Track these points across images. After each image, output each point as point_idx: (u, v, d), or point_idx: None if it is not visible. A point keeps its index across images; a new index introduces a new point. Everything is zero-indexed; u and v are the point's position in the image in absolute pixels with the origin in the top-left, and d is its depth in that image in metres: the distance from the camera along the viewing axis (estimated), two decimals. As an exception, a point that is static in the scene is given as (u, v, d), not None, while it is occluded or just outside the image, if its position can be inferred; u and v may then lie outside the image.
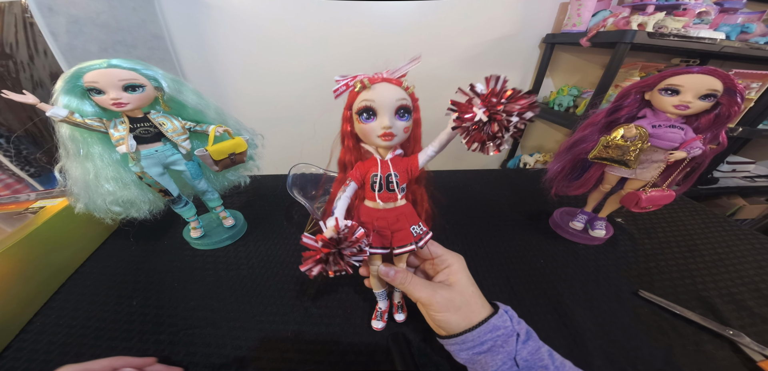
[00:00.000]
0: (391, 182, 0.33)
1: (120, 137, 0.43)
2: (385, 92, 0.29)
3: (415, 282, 0.34)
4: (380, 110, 0.30)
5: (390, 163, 0.33)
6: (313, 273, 0.29)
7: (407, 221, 0.34)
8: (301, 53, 1.27)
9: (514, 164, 1.71)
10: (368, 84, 0.29)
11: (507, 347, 0.30)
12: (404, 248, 0.34)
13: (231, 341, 0.43)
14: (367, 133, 0.31)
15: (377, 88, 0.29)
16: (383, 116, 0.30)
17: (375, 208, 0.34)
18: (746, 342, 0.41)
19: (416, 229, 0.35)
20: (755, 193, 1.56)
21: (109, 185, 0.46)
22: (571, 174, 0.58)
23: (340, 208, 0.32)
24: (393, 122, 0.30)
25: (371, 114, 0.30)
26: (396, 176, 0.33)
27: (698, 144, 0.44)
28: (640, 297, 0.49)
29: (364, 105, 0.30)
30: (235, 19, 1.17)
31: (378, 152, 0.33)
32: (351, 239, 0.29)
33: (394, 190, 0.33)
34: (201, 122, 0.50)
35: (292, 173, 0.61)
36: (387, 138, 0.30)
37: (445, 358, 0.40)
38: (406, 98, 0.30)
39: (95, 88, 0.39)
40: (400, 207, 0.34)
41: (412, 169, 0.34)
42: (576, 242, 0.61)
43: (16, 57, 0.86)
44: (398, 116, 0.31)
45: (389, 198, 0.33)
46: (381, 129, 0.30)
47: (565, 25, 1.28)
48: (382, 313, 0.44)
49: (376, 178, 0.33)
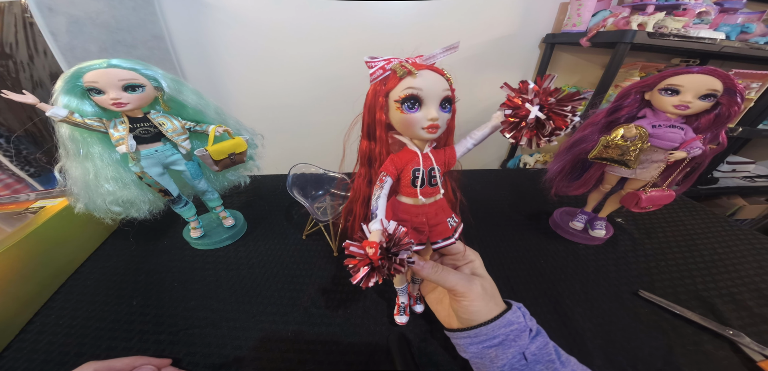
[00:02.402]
0: (434, 176, 0.31)
1: (120, 137, 0.43)
2: (433, 81, 0.27)
3: (448, 271, 0.33)
4: (427, 100, 0.27)
5: (431, 155, 0.31)
6: (368, 284, 0.26)
7: (445, 214, 0.33)
8: (301, 53, 1.27)
9: (514, 164, 1.71)
10: (414, 71, 0.27)
11: (519, 341, 0.30)
12: (445, 241, 0.33)
13: (231, 341, 0.43)
14: (410, 124, 0.29)
15: (424, 76, 0.27)
16: (430, 106, 0.28)
17: (414, 204, 0.32)
18: (746, 342, 0.41)
19: (451, 221, 0.34)
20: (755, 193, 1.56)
21: (109, 185, 0.46)
22: (571, 174, 0.58)
23: (382, 208, 0.30)
24: (438, 113, 0.28)
25: (416, 103, 0.28)
26: (438, 169, 0.31)
27: (698, 144, 0.44)
28: (640, 297, 0.49)
29: (409, 93, 0.27)
30: (235, 19, 1.17)
31: (414, 144, 0.31)
32: (401, 241, 0.27)
33: (436, 184, 0.31)
34: (201, 122, 0.50)
35: (292, 173, 0.61)
36: (433, 130, 0.28)
37: (445, 358, 0.40)
38: (448, 87, 0.29)
39: (95, 88, 0.39)
40: (440, 201, 0.33)
41: (450, 161, 0.32)
42: (576, 242, 0.61)
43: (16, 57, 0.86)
44: (442, 107, 0.28)
45: (432, 193, 0.32)
46: (427, 121, 0.28)
47: (565, 25, 1.28)
48: (405, 307, 0.43)
49: (418, 172, 0.31)
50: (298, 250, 0.59)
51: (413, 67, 0.27)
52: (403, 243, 0.27)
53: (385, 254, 0.26)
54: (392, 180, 0.31)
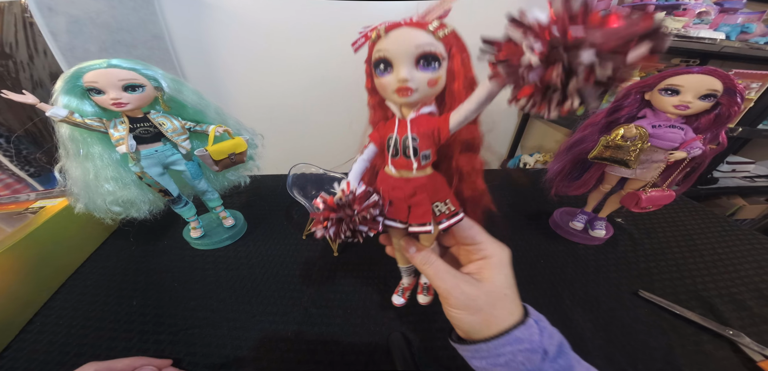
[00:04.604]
0: (408, 147, 0.27)
1: (120, 137, 0.43)
2: (404, 38, 0.24)
3: (438, 266, 0.29)
4: (395, 60, 0.25)
5: (409, 123, 0.27)
6: (317, 235, 0.26)
7: (428, 196, 0.29)
8: (302, 53, 1.26)
9: (514, 163, 1.71)
10: (383, 32, 0.25)
11: (528, 365, 0.25)
12: (419, 227, 0.29)
13: (231, 341, 0.43)
14: (384, 88, 0.27)
15: (393, 35, 0.25)
16: (400, 66, 0.25)
17: (390, 176, 0.29)
18: (746, 342, 0.41)
19: (441, 207, 0.29)
20: (755, 193, 1.56)
21: (109, 185, 0.46)
22: (571, 174, 0.58)
23: (355, 171, 0.29)
24: (412, 74, 0.25)
25: (387, 66, 0.26)
26: (414, 139, 0.27)
27: (698, 144, 0.44)
28: (640, 297, 0.49)
29: (378, 56, 0.26)
30: (235, 19, 1.17)
31: (401, 111, 0.28)
32: (360, 205, 0.26)
33: (409, 157, 0.27)
34: (201, 122, 0.50)
35: (292, 173, 0.61)
36: (403, 93, 0.25)
37: (446, 359, 0.40)
38: (432, 42, 0.24)
39: (95, 88, 0.39)
40: (419, 179, 0.28)
41: (441, 131, 0.27)
42: (576, 242, 0.61)
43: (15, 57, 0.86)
44: (421, 65, 0.25)
45: (404, 165, 0.28)
46: (396, 82, 0.25)
47: (565, 25, 1.27)
48: (404, 290, 0.40)
49: (390, 140, 0.28)
50: (298, 250, 0.59)
51: (385, 29, 0.25)
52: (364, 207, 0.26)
53: (344, 214, 0.25)
54: (375, 148, 0.30)
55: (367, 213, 0.26)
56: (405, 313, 0.45)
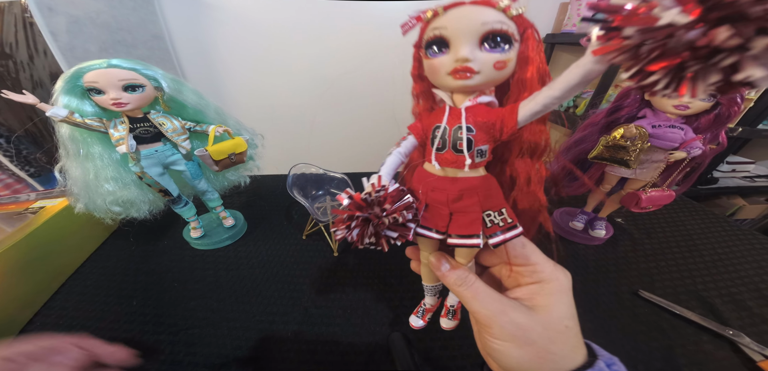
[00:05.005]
0: (460, 139, 0.22)
1: (120, 137, 0.43)
2: (466, 14, 0.21)
3: (477, 288, 0.24)
4: (454, 38, 0.21)
5: (464, 111, 0.23)
6: (337, 237, 0.22)
7: (479, 201, 0.23)
8: (302, 53, 1.26)
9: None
10: (440, 10, 0.22)
11: None
12: (464, 239, 0.23)
13: (231, 341, 0.43)
14: (435, 70, 0.23)
15: (453, 12, 0.21)
16: (459, 44, 0.21)
17: (433, 174, 0.24)
18: (746, 342, 0.41)
19: (494, 217, 0.24)
20: (755, 193, 1.56)
21: (109, 185, 0.46)
22: (571, 174, 0.58)
23: (388, 165, 0.24)
24: (474, 53, 0.21)
25: (442, 45, 0.22)
26: (470, 129, 0.22)
27: (698, 144, 0.44)
28: (640, 297, 0.49)
29: (432, 35, 0.22)
30: (235, 19, 1.17)
31: (452, 99, 0.24)
32: (391, 206, 0.21)
33: (461, 151, 0.22)
34: (201, 122, 0.50)
35: (292, 173, 0.61)
36: (461, 75, 0.21)
37: (446, 359, 0.40)
38: (502, 20, 0.21)
39: (95, 89, 0.39)
40: (470, 179, 0.24)
41: (505, 124, 0.22)
42: (576, 242, 0.61)
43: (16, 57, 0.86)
44: (487, 45, 0.21)
45: (452, 161, 0.23)
46: (453, 63, 0.21)
47: (565, 25, 1.28)
48: (425, 311, 0.34)
49: (438, 130, 0.23)
50: (298, 250, 0.59)
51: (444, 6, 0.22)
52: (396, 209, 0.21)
53: (371, 214, 0.21)
54: (416, 140, 0.26)
55: (399, 215, 0.22)
56: (405, 313, 0.45)
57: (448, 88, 0.24)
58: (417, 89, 0.27)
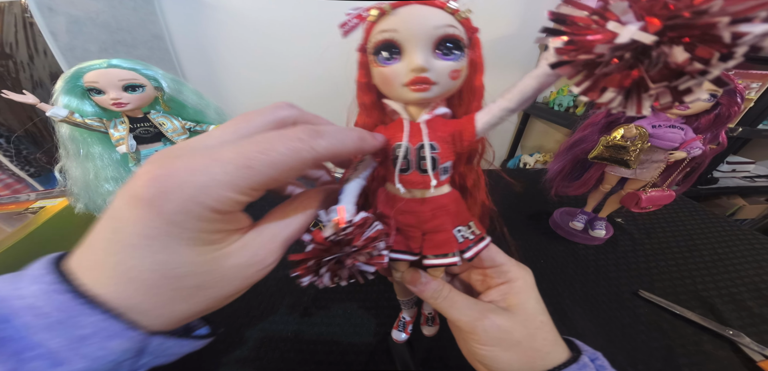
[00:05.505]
0: (424, 158, 0.21)
1: (120, 137, 0.43)
2: (418, 16, 0.19)
3: (454, 298, 0.24)
4: (408, 43, 0.19)
5: (424, 126, 0.21)
6: (302, 283, 0.20)
7: (450, 219, 0.23)
8: (302, 53, 1.27)
9: (514, 164, 1.71)
10: (388, 8, 0.19)
11: None
12: (441, 259, 0.22)
13: (231, 341, 0.43)
14: (388, 81, 0.21)
15: (402, 12, 0.19)
16: (414, 52, 0.19)
17: (396, 196, 0.23)
18: (746, 342, 0.41)
19: (464, 232, 0.23)
20: (755, 193, 1.56)
21: (109, 185, 0.46)
22: (571, 174, 0.58)
23: (349, 193, 0.21)
24: (429, 62, 0.19)
25: (394, 51, 0.20)
26: (434, 147, 0.21)
27: (698, 144, 0.44)
28: (640, 297, 0.49)
29: (382, 38, 0.20)
30: (235, 19, 1.17)
31: (407, 111, 0.22)
32: (360, 240, 0.19)
33: (426, 171, 0.21)
34: (201, 122, 0.50)
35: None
36: (419, 87, 0.20)
37: (445, 358, 0.40)
38: (454, 24, 0.19)
39: (95, 88, 0.39)
40: (439, 198, 0.23)
41: (465, 136, 0.21)
42: (576, 242, 0.61)
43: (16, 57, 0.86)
44: (440, 52, 0.20)
45: (418, 183, 0.22)
46: (409, 73, 0.19)
47: (565, 25, 1.28)
48: (405, 324, 0.35)
49: (399, 150, 0.22)
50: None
51: (391, 5, 0.19)
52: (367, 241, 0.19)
53: (337, 251, 0.19)
54: (374, 161, 0.23)
55: (372, 249, 0.20)
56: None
57: (402, 100, 0.22)
58: (365, 100, 0.24)
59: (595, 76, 0.13)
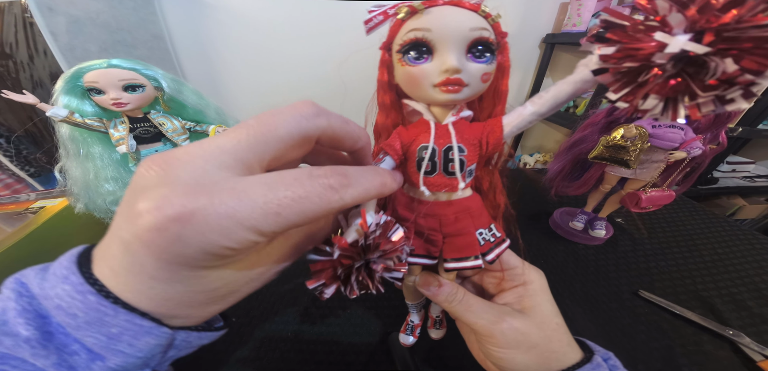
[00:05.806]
0: (452, 161, 0.21)
1: (120, 137, 0.43)
2: (452, 17, 0.19)
3: (470, 302, 0.24)
4: (441, 44, 0.19)
5: (452, 128, 0.21)
6: (324, 296, 0.19)
7: (472, 221, 0.23)
8: (302, 52, 1.27)
9: (514, 164, 1.71)
10: (420, 7, 0.19)
11: None
12: (463, 262, 0.22)
13: (231, 341, 0.43)
14: (416, 81, 0.20)
15: (435, 12, 0.19)
16: (446, 52, 0.19)
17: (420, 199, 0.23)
18: (746, 342, 0.41)
19: (486, 235, 0.23)
20: (755, 193, 1.56)
21: (109, 185, 0.46)
22: (571, 174, 0.58)
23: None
24: (463, 64, 0.19)
25: (425, 51, 0.19)
26: (461, 150, 0.21)
27: (698, 144, 0.44)
28: (640, 297, 0.49)
29: (413, 37, 0.19)
30: (235, 19, 1.17)
31: (431, 112, 0.22)
32: (385, 245, 0.18)
33: (454, 173, 0.21)
34: (201, 122, 0.50)
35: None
36: (451, 88, 0.19)
37: (446, 359, 0.40)
38: (487, 27, 0.19)
39: (95, 88, 0.39)
40: (463, 200, 0.22)
41: (491, 139, 0.21)
42: (576, 242, 0.61)
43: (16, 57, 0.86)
44: (473, 55, 0.19)
45: (444, 185, 0.22)
46: (441, 74, 0.19)
47: (565, 25, 1.28)
48: (414, 327, 0.34)
49: (425, 151, 0.21)
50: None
51: (422, 3, 0.19)
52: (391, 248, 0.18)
53: (361, 258, 0.18)
54: (394, 161, 0.22)
55: (400, 253, 0.19)
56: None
57: (430, 102, 0.21)
58: (385, 99, 0.23)
59: (637, 83, 0.13)
